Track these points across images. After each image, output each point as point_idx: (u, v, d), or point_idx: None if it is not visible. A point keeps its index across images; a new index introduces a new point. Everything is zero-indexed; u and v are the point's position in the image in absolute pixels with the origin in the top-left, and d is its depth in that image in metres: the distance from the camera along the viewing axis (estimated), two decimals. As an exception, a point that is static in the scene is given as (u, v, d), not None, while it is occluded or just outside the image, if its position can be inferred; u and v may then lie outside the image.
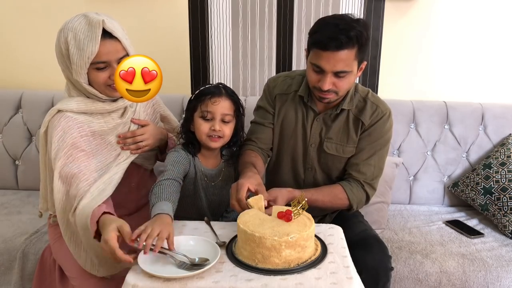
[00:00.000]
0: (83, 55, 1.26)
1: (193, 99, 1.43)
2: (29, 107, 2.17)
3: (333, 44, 1.30)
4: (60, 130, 1.29)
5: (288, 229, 1.07)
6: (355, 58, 1.34)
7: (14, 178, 2.20)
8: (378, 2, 2.10)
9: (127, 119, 1.42)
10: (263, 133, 1.57)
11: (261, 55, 2.20)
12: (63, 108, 1.32)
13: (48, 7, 2.21)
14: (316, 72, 1.37)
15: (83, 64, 1.27)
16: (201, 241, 1.16)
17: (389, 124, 1.51)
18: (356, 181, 1.49)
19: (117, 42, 1.30)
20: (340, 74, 1.35)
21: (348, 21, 1.33)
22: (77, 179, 1.27)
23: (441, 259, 1.64)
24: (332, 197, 1.47)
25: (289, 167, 1.59)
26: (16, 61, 2.31)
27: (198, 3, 2.14)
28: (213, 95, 1.39)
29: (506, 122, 2.09)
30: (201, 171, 1.46)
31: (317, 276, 1.02)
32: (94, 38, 1.25)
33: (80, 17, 1.29)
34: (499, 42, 2.16)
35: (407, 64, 2.21)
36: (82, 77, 1.29)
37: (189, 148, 1.45)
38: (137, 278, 1.01)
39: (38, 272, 1.54)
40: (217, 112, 1.39)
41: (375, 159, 1.50)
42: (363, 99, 1.51)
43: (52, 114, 1.32)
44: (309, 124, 1.53)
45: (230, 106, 1.42)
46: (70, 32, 1.27)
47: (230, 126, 1.43)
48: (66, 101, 1.34)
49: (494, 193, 1.92)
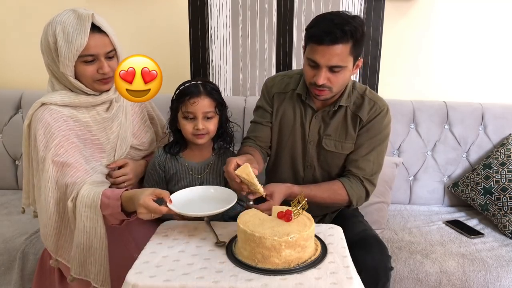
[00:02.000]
0: (71, 48, 1.26)
1: (175, 100, 1.46)
2: (29, 107, 2.13)
3: (328, 38, 1.31)
4: (45, 123, 1.29)
5: (288, 229, 1.07)
6: (350, 54, 1.35)
7: (14, 178, 2.20)
8: (378, 2, 2.10)
9: (113, 114, 1.41)
10: (261, 131, 1.58)
11: (261, 55, 2.20)
12: (47, 101, 1.31)
13: (48, 7, 2.20)
14: (312, 67, 1.39)
15: (71, 56, 1.27)
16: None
17: (387, 119, 1.52)
18: (356, 177, 1.50)
19: (105, 36, 1.31)
20: (335, 69, 1.36)
21: (344, 17, 1.35)
22: (73, 168, 1.27)
23: (441, 259, 1.64)
24: (331, 192, 1.47)
25: (288, 166, 1.60)
26: (16, 61, 2.31)
27: (198, 3, 2.14)
28: (192, 95, 1.41)
29: (506, 122, 2.09)
30: (185, 166, 1.49)
31: (317, 276, 1.02)
32: (83, 31, 1.26)
33: (68, 11, 1.30)
34: (499, 42, 2.16)
35: (407, 64, 2.21)
36: (69, 70, 1.29)
37: (171, 149, 1.50)
38: (137, 278, 1.01)
39: (38, 272, 1.54)
40: (198, 111, 1.41)
41: (374, 155, 1.51)
42: (360, 96, 1.52)
43: (35, 108, 1.32)
44: (308, 121, 1.54)
45: (210, 103, 1.44)
46: (58, 25, 1.27)
47: (213, 122, 1.46)
48: (50, 94, 1.34)
49: (494, 193, 1.92)
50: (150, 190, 1.19)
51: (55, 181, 1.27)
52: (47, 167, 1.26)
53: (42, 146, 1.27)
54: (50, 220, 1.29)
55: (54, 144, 1.27)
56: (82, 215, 1.23)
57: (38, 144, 1.28)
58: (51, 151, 1.26)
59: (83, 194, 1.23)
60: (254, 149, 1.54)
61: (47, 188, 1.27)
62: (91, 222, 1.24)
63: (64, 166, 1.27)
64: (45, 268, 1.52)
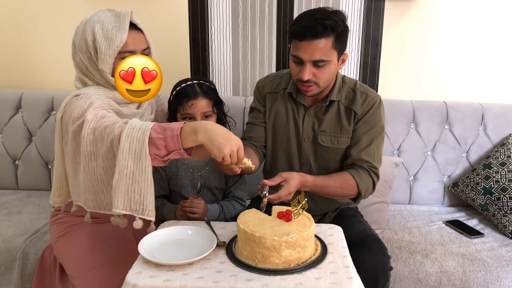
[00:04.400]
0: (111, 44, 1.28)
1: (172, 101, 1.48)
2: (29, 107, 2.17)
3: (309, 33, 1.33)
4: (80, 105, 1.22)
5: (288, 229, 1.07)
6: (333, 48, 1.37)
7: (14, 178, 2.19)
8: (378, 2, 2.11)
9: (144, 109, 1.43)
10: (255, 131, 1.61)
11: (261, 55, 2.20)
12: (81, 93, 1.29)
13: (48, 7, 2.21)
14: (296, 63, 1.41)
15: (111, 53, 1.29)
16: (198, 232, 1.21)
17: (381, 110, 1.54)
18: (362, 168, 1.51)
19: (141, 34, 1.35)
20: (319, 64, 1.38)
21: (324, 12, 1.38)
22: (111, 116, 1.20)
23: (441, 259, 1.64)
24: (342, 182, 1.48)
25: (285, 164, 1.61)
26: (16, 61, 2.31)
27: (198, 3, 2.14)
28: (189, 98, 1.44)
29: (506, 122, 2.08)
30: (185, 164, 1.50)
31: (317, 276, 1.03)
32: (123, 27, 1.30)
33: (104, 11, 1.34)
34: (499, 42, 2.15)
35: (407, 64, 2.21)
36: (107, 67, 1.31)
37: None
38: (137, 278, 1.01)
39: (38, 272, 1.54)
40: (196, 113, 1.44)
41: (374, 147, 1.52)
42: (351, 89, 1.54)
43: (68, 100, 1.29)
44: (301, 119, 1.56)
45: (208, 103, 1.46)
46: (97, 23, 1.30)
47: (212, 120, 1.48)
48: (84, 89, 1.33)
49: (494, 193, 1.92)
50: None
51: (92, 133, 1.17)
52: (86, 124, 1.16)
53: (80, 114, 1.19)
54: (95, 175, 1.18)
55: (93, 107, 1.21)
56: (129, 137, 1.10)
57: (74, 116, 1.20)
58: (89, 110, 1.19)
59: (132, 122, 1.12)
60: (248, 147, 1.56)
61: (84, 144, 1.16)
62: (137, 144, 1.09)
63: (104, 118, 1.19)
64: (45, 268, 1.53)
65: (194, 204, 1.43)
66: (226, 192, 1.59)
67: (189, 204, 1.43)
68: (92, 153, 1.18)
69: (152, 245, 1.13)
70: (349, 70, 2.20)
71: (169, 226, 1.25)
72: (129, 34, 1.31)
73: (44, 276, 1.53)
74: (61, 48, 1.36)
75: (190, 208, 1.42)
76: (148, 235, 1.16)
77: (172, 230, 1.22)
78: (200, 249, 1.11)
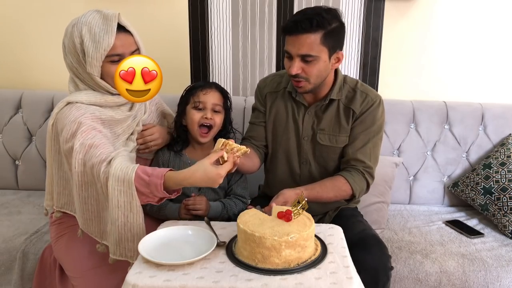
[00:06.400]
0: (99, 48, 1.27)
1: (185, 94, 1.55)
2: (29, 107, 2.17)
3: (295, 27, 1.36)
4: (72, 117, 1.26)
5: (288, 229, 1.07)
6: (322, 44, 1.37)
7: (14, 178, 2.20)
8: (378, 2, 2.11)
9: (136, 111, 1.43)
10: (255, 131, 1.63)
11: (261, 55, 2.20)
12: (72, 100, 1.31)
13: (48, 7, 2.21)
14: (288, 58, 1.43)
15: (99, 56, 1.28)
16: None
17: (380, 111, 1.54)
18: (356, 170, 1.51)
19: (130, 36, 1.34)
20: (307, 58, 1.39)
21: (317, 9, 1.39)
22: (100, 148, 1.22)
23: (441, 259, 1.64)
24: (336, 190, 1.49)
25: (284, 163, 1.62)
26: (16, 61, 2.31)
27: (198, 3, 2.14)
28: (204, 87, 1.52)
29: (506, 122, 2.08)
30: (188, 163, 1.51)
31: (317, 276, 1.02)
32: (110, 31, 1.28)
33: (92, 12, 1.31)
34: (499, 42, 2.16)
35: (407, 64, 2.21)
36: (96, 70, 1.30)
37: (174, 147, 1.55)
38: (137, 278, 1.01)
39: (38, 272, 1.54)
40: (208, 101, 1.50)
41: (370, 146, 1.52)
42: (352, 89, 1.55)
43: (61, 107, 1.30)
44: (301, 118, 1.57)
45: (220, 97, 1.54)
46: (84, 26, 1.28)
47: (220, 116, 1.53)
48: (75, 94, 1.33)
49: (494, 193, 1.92)
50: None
51: (83, 164, 1.22)
52: (75, 154, 1.21)
53: (70, 136, 1.24)
54: (86, 205, 1.26)
55: (81, 131, 1.23)
56: (115, 190, 1.16)
57: (64, 135, 1.24)
58: (78, 137, 1.22)
59: (115, 168, 1.16)
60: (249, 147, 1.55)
61: (75, 173, 1.22)
62: (125, 197, 1.16)
63: (91, 147, 1.22)
64: (45, 268, 1.53)
65: (197, 201, 1.46)
66: (228, 190, 1.60)
67: (192, 202, 1.46)
68: (83, 183, 1.25)
69: (152, 245, 1.13)
70: (349, 70, 2.20)
71: (169, 226, 1.25)
72: (117, 37, 1.29)
73: (44, 276, 1.53)
74: (61, 48, 1.36)
75: (193, 205, 1.45)
76: (148, 235, 1.16)
77: (172, 230, 1.21)
78: (200, 249, 1.11)
